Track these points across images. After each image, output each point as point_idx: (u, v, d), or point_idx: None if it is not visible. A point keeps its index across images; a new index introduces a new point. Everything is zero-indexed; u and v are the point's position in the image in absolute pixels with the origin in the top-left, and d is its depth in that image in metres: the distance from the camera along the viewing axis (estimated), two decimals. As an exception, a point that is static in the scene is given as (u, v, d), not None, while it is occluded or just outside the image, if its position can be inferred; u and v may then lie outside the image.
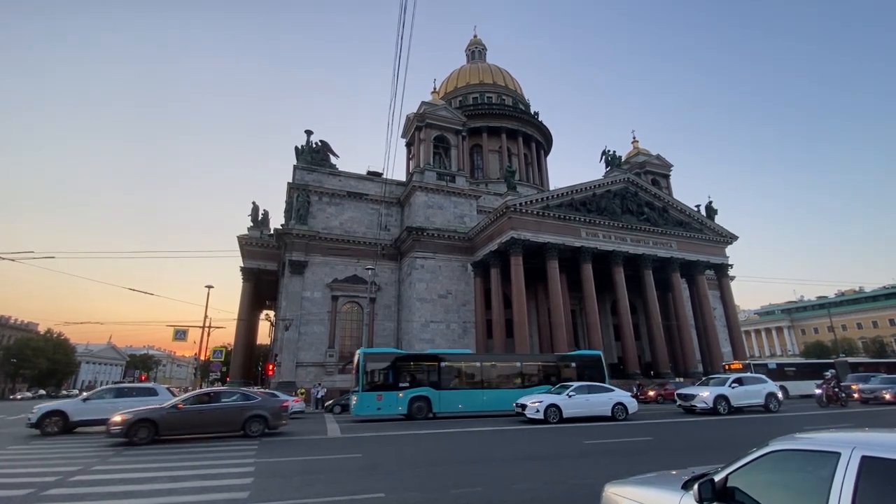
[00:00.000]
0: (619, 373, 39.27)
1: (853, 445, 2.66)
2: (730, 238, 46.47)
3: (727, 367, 34.65)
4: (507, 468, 9.07)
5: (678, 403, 22.23)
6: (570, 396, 18.59)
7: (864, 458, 2.56)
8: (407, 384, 21.85)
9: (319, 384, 34.34)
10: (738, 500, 3.06)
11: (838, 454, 2.67)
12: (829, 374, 24.83)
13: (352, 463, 9.90)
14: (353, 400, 21.61)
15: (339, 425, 18.39)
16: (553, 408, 18.02)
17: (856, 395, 26.29)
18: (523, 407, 18.62)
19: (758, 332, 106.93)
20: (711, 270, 46.77)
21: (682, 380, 36.41)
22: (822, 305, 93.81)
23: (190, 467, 9.69)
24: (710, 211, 49.10)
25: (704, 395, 20.63)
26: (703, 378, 25.81)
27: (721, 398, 20.39)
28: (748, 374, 23.95)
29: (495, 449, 11.86)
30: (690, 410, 20.93)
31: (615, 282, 40.22)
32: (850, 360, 39.26)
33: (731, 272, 48.13)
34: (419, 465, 9.52)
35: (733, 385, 21.00)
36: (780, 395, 21.91)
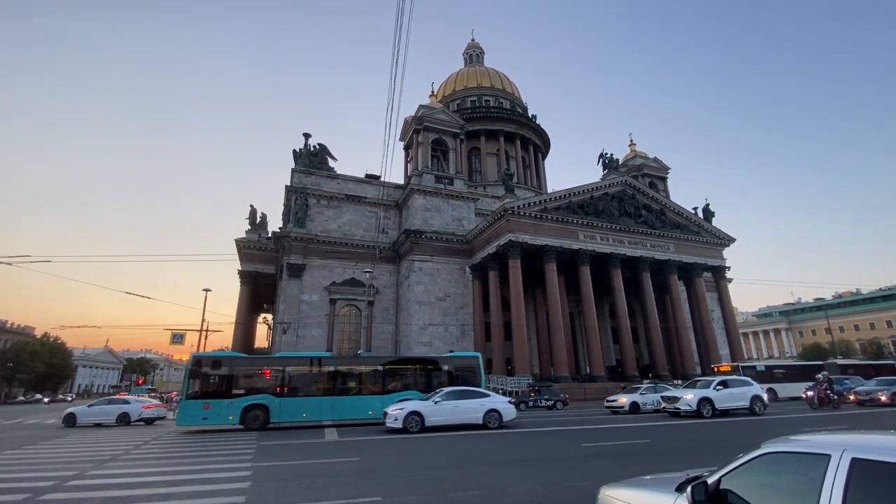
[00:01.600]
0: (618, 375, 39.32)
1: (843, 447, 2.69)
2: (727, 240, 46.62)
3: (716, 369, 34.39)
4: (504, 471, 9.07)
5: (662, 406, 21.84)
6: (435, 403, 16.82)
7: (854, 459, 2.58)
8: (243, 391, 19.82)
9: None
10: (730, 502, 3.07)
11: (829, 456, 2.70)
12: (820, 376, 24.71)
13: (349, 467, 9.88)
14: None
15: (336, 429, 18.35)
16: (414, 416, 16.23)
17: (851, 398, 26.12)
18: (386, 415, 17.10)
19: (755, 334, 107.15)
20: (709, 273, 46.92)
21: (679, 382, 36.38)
22: (820, 307, 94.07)
23: (187, 471, 9.68)
24: (708, 213, 49.31)
25: (688, 397, 20.23)
26: (689, 380, 25.62)
27: (705, 401, 20.02)
28: (733, 377, 23.53)
29: (492, 453, 11.85)
30: (676, 413, 20.56)
31: (613, 284, 40.28)
32: (840, 361, 39.02)
33: (728, 274, 48.31)
34: (417, 469, 9.51)
35: (718, 388, 20.61)
36: (765, 397, 21.54)
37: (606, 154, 48.55)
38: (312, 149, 45.32)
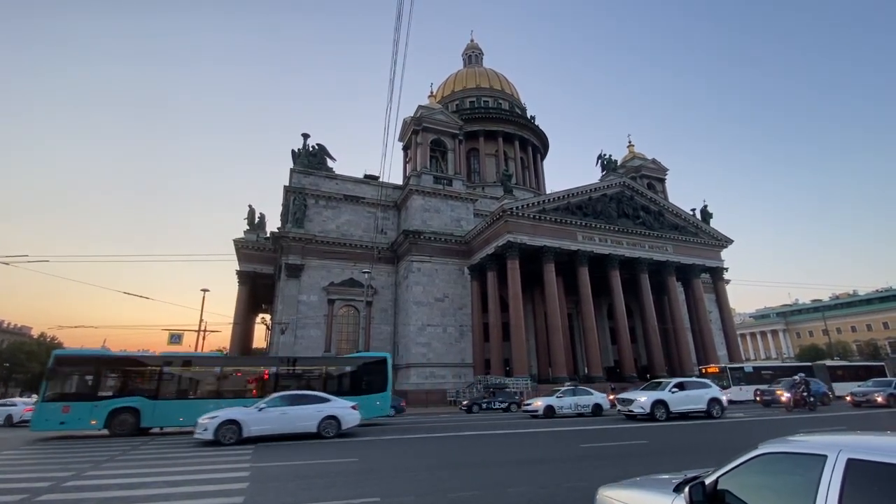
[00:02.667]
0: (616, 376, 39.40)
1: (839, 448, 2.71)
2: (725, 241, 46.78)
3: (704, 370, 34.36)
4: (502, 472, 9.09)
5: (618, 409, 21.25)
6: (259, 410, 15.09)
7: (850, 460, 2.61)
8: (111, 393, 18.26)
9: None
10: (727, 502, 3.10)
11: (825, 457, 2.72)
12: (797, 377, 24.47)
13: (348, 467, 9.88)
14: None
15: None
16: (229, 425, 14.29)
17: (848, 399, 26.10)
18: None
19: (753, 335, 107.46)
20: (707, 274, 47.07)
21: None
22: (817, 308, 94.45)
23: (185, 472, 9.66)
24: (706, 215, 49.50)
25: (642, 399, 19.59)
26: (648, 383, 24.99)
27: (659, 403, 19.39)
28: (691, 379, 22.86)
29: (490, 453, 11.86)
30: (632, 416, 19.84)
31: (611, 285, 40.37)
32: (830, 363, 38.82)
33: (726, 275, 48.48)
34: (415, 469, 9.52)
35: (673, 390, 20.01)
36: (724, 400, 20.80)
37: (605, 155, 48.73)
38: (311, 149, 45.32)
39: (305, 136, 45.43)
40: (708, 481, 3.20)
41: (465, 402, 29.63)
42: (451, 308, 41.05)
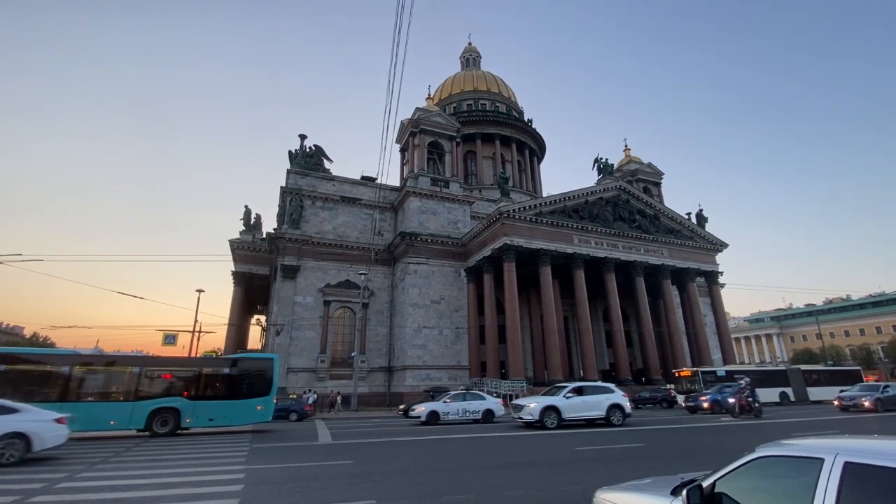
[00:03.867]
0: (611, 379, 39.40)
1: (836, 451, 2.73)
2: (720, 246, 47.06)
3: (677, 373, 34.05)
4: (498, 474, 9.08)
5: (513, 415, 19.64)
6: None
7: (846, 463, 2.63)
8: None
9: (310, 390, 34.09)
10: None
11: (822, 460, 2.75)
12: (743, 382, 23.48)
13: (343, 469, 9.84)
14: None
15: (330, 431, 18.30)
16: (18, 438, 11.21)
17: (835, 403, 25.74)
18: None
19: (748, 339, 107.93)
20: (702, 278, 47.28)
21: (672, 387, 36.27)
22: (811, 313, 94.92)
23: (179, 474, 9.59)
24: (701, 219, 49.83)
25: (531, 406, 18.11)
26: (549, 388, 22.72)
27: (550, 410, 17.87)
28: (591, 384, 21.52)
29: (486, 456, 11.84)
30: (530, 424, 18.20)
31: (607, 288, 40.50)
32: (804, 367, 38.39)
33: (721, 279, 48.73)
34: (411, 472, 9.49)
35: (569, 395, 18.52)
36: (626, 406, 19.07)
37: (601, 159, 48.90)
38: (308, 150, 45.24)
39: (303, 137, 45.36)
40: (705, 484, 3.21)
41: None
42: (447, 310, 41.02)
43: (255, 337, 61.56)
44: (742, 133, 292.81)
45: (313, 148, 45.64)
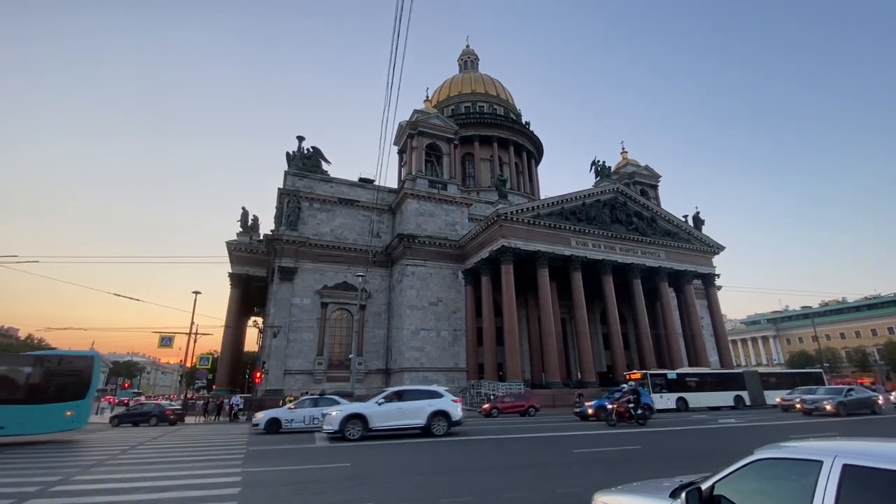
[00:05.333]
0: (609, 381, 39.47)
1: (835, 454, 2.74)
2: (717, 248, 47.21)
3: (627, 377, 32.70)
4: (496, 477, 9.05)
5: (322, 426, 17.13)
6: None
7: (845, 466, 2.63)
8: None
9: (307, 392, 33.97)
10: None
11: (820, 462, 2.75)
12: (625, 386, 21.95)
13: (340, 472, 9.80)
14: None
15: (324, 439, 18.22)
16: None
17: (798, 406, 24.89)
18: None
19: (744, 341, 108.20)
20: (699, 280, 47.41)
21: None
22: (807, 315, 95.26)
23: (176, 476, 9.53)
24: (698, 221, 50.02)
25: (333, 414, 15.90)
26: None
27: (354, 419, 15.59)
28: (416, 388, 18.77)
29: (483, 458, 11.82)
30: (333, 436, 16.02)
31: (604, 290, 40.55)
32: (761, 370, 37.35)
33: (717, 282, 48.85)
34: (408, 475, 9.46)
35: (381, 401, 16.28)
36: (455, 413, 16.79)
37: (599, 161, 49.09)
38: (306, 152, 45.16)
39: (300, 138, 45.30)
40: (704, 487, 3.20)
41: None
42: (444, 312, 40.97)
43: (252, 339, 61.45)
44: (739, 136, 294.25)
45: (311, 150, 45.57)
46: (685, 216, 49.10)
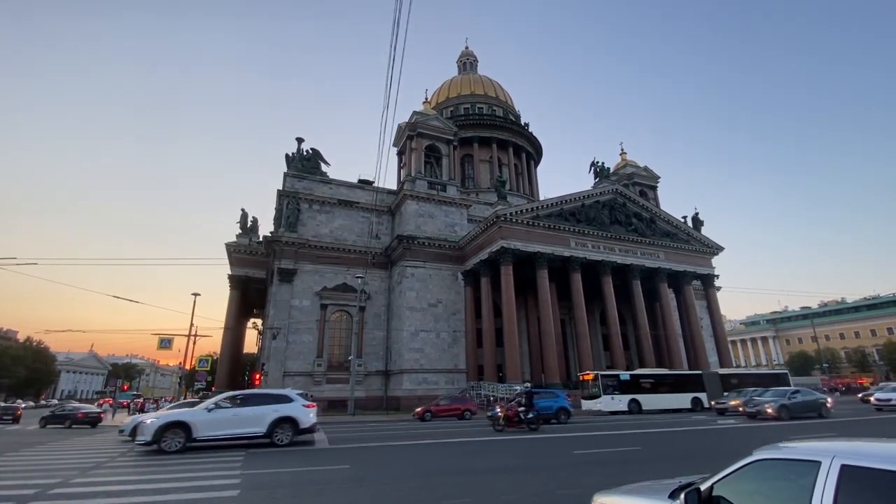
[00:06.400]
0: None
1: (833, 454, 2.74)
2: (716, 249, 47.25)
3: (581, 377, 32.50)
4: (495, 479, 9.04)
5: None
6: None
7: (843, 466, 2.64)
8: None
9: (307, 394, 33.89)
10: None
11: (819, 463, 2.75)
12: (518, 388, 20.46)
13: (340, 474, 9.79)
14: None
15: (327, 436, 18.19)
16: None
17: (740, 409, 23.87)
18: None
19: (744, 341, 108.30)
20: (698, 281, 47.44)
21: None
22: (806, 316, 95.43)
23: (174, 479, 9.51)
24: (697, 222, 50.09)
25: (148, 422, 14.07)
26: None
27: (174, 427, 13.51)
28: (258, 392, 17.16)
29: (482, 460, 11.81)
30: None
31: (604, 291, 40.56)
32: (721, 371, 36.28)
33: (717, 282, 48.89)
34: (407, 477, 9.45)
35: (213, 407, 14.28)
36: (305, 420, 14.93)
37: (598, 162, 49.14)
38: (305, 153, 45.16)
39: (300, 140, 45.30)
40: (703, 488, 3.21)
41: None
42: (444, 313, 40.94)
43: (251, 340, 61.43)
44: (738, 136, 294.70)
45: (310, 151, 45.56)
46: (684, 217, 49.16)
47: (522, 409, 18.67)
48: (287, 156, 44.65)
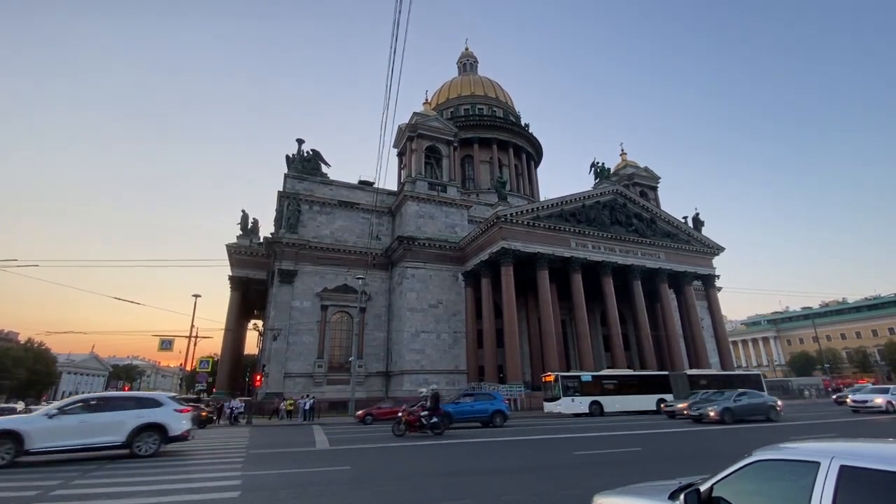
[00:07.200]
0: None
1: (832, 455, 2.75)
2: (716, 249, 47.22)
3: (544, 378, 31.99)
4: (495, 480, 9.05)
5: None
6: None
7: (842, 467, 2.65)
8: None
9: (308, 395, 33.94)
10: None
11: (818, 464, 2.76)
12: (424, 391, 19.37)
13: (340, 476, 9.80)
14: None
15: (327, 437, 18.20)
16: None
17: (685, 412, 23.17)
18: None
19: (745, 342, 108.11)
20: (699, 281, 47.41)
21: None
22: (807, 316, 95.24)
23: (175, 480, 9.52)
24: (697, 222, 50.07)
25: None
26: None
27: (5, 436, 11.65)
28: (121, 394, 15.70)
29: (483, 461, 11.82)
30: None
31: (604, 292, 40.54)
32: (690, 372, 35.76)
33: (717, 283, 48.84)
34: (408, 478, 9.46)
35: (54, 412, 12.46)
36: (175, 428, 13.34)
37: (598, 163, 49.15)
38: (306, 154, 45.22)
39: (300, 141, 45.37)
40: (703, 488, 3.22)
41: None
42: (444, 314, 40.94)
43: (252, 342, 61.45)
44: (739, 137, 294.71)
45: (311, 152, 45.63)
46: (685, 217, 49.13)
47: (426, 413, 17.72)
48: (287, 157, 44.72)
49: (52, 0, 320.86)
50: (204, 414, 27.81)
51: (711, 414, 20.89)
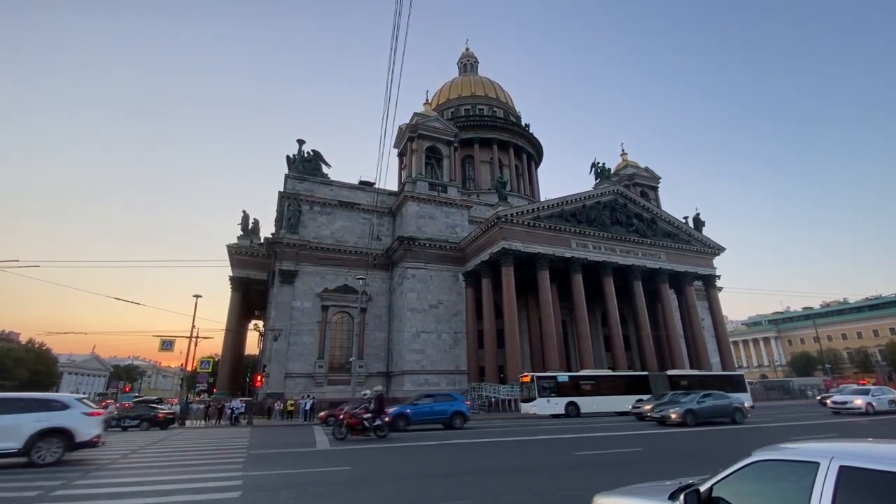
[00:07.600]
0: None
1: (832, 455, 2.76)
2: (717, 249, 47.20)
3: (521, 379, 31.46)
4: (495, 480, 9.06)
5: None
6: None
7: (842, 467, 2.66)
8: None
9: (308, 395, 33.96)
10: None
11: (817, 464, 2.77)
12: (367, 393, 19.00)
13: (340, 476, 9.82)
14: None
15: (327, 437, 18.21)
16: None
17: (649, 414, 22.52)
18: None
19: (746, 342, 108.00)
20: (700, 281, 47.39)
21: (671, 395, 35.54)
22: (808, 316, 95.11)
23: (177, 480, 9.55)
24: (698, 223, 50.05)
25: None
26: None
27: None
28: (21, 396, 13.96)
29: (483, 461, 11.82)
30: None
31: (605, 292, 40.53)
32: (671, 372, 35.23)
33: (718, 283, 48.82)
34: (408, 478, 9.48)
35: None
36: (83, 433, 12.18)
37: (598, 163, 49.17)
38: (306, 155, 45.25)
39: (301, 141, 45.40)
40: (703, 489, 3.23)
41: None
42: (445, 315, 40.95)
43: (252, 342, 61.49)
44: (739, 137, 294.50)
45: (311, 153, 45.66)
46: (685, 217, 49.10)
47: (369, 415, 17.21)
48: (288, 157, 44.76)
49: (52, 0, 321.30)
50: (161, 416, 28.33)
51: (673, 416, 20.43)
